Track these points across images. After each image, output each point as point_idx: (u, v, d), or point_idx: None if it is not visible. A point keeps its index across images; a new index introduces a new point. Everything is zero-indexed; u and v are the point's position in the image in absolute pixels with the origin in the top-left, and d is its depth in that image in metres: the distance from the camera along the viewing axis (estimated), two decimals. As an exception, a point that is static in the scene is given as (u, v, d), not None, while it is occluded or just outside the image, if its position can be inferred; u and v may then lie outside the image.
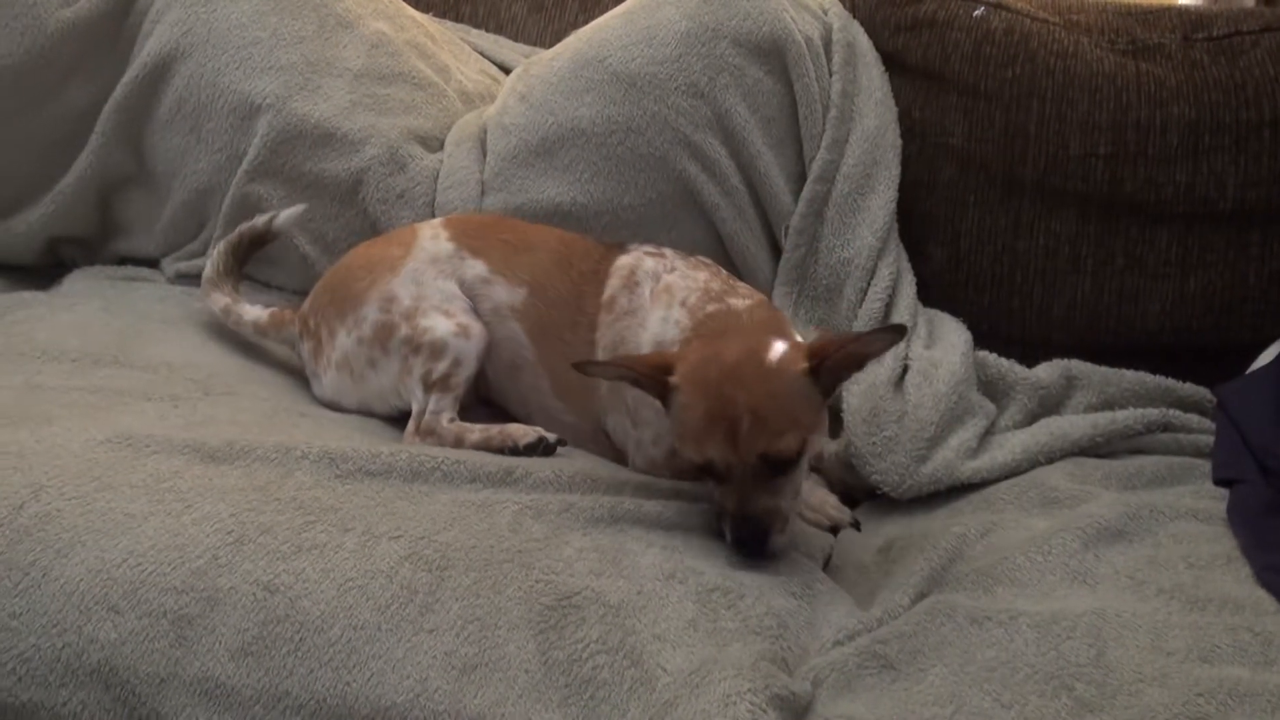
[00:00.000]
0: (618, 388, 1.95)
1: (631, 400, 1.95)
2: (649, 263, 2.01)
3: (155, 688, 1.48)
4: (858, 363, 1.78)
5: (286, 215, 2.31)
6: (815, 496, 1.96)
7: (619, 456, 2.03)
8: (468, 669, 1.48)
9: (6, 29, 2.39)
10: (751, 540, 1.72)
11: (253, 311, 2.24)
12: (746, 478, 1.71)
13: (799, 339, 1.87)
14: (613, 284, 2.00)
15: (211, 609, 1.52)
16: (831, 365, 1.72)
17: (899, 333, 1.75)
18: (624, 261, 2.03)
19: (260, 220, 2.31)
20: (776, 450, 1.69)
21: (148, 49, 2.44)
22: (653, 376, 1.74)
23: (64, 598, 1.52)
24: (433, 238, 2.12)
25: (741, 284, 2.04)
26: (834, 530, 1.95)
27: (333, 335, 2.08)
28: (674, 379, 1.73)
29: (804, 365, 1.72)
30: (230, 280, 2.28)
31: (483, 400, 2.13)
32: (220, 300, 2.25)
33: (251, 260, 2.36)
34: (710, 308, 1.90)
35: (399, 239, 2.16)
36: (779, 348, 1.74)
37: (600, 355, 1.97)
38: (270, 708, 1.47)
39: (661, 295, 1.96)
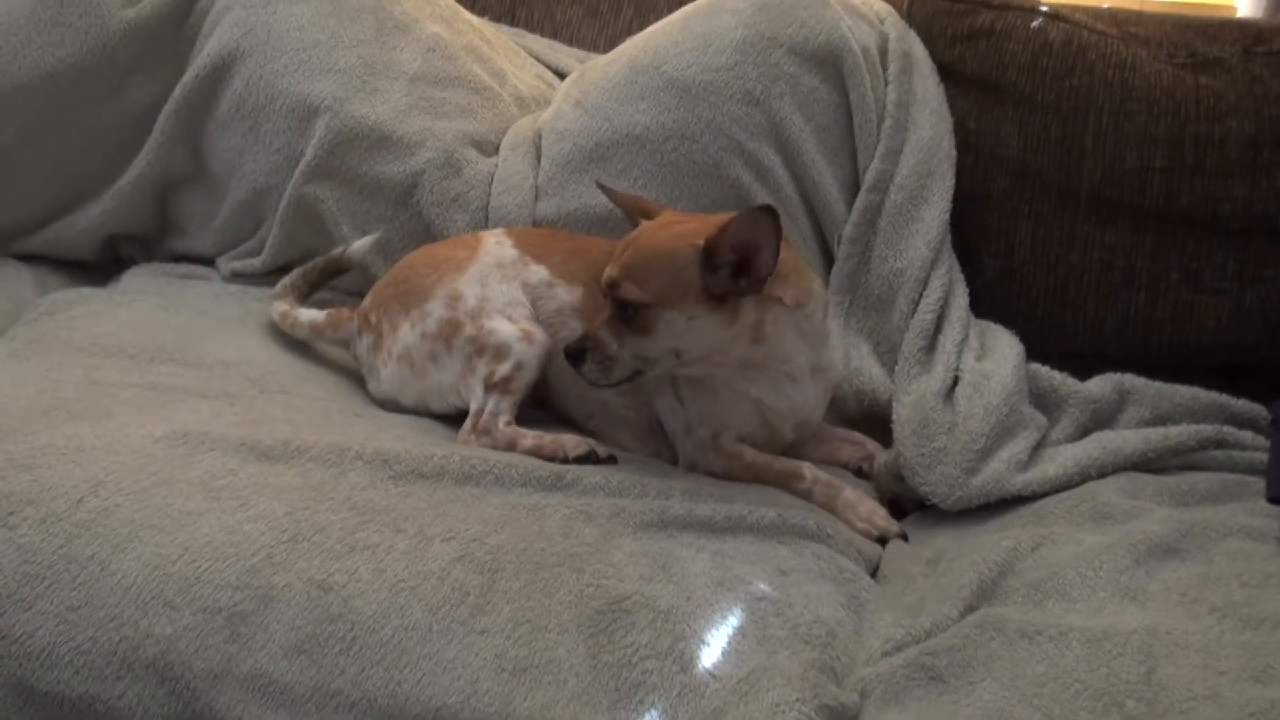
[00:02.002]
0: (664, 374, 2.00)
1: (677, 379, 2.00)
2: None
3: (209, 683, 1.50)
4: (741, 252, 1.84)
5: (359, 245, 2.34)
6: (864, 506, 1.97)
7: (672, 450, 2.06)
8: (518, 671, 1.49)
9: (70, 28, 2.42)
10: (574, 352, 1.91)
11: (309, 313, 2.27)
12: (614, 306, 1.88)
13: (816, 290, 2.00)
14: None
15: (265, 606, 1.53)
16: (715, 247, 1.83)
17: (768, 212, 1.81)
18: None
19: (336, 252, 2.35)
20: (631, 295, 1.85)
21: (208, 49, 2.46)
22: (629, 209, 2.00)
23: (121, 592, 1.54)
24: (497, 243, 2.16)
25: None
26: (882, 541, 1.95)
27: (395, 329, 2.10)
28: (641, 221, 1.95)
29: (699, 243, 1.83)
30: (295, 297, 2.32)
31: (538, 403, 2.14)
32: (279, 308, 2.28)
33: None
34: None
35: (464, 242, 2.19)
36: (702, 231, 1.84)
37: None
38: (322, 705, 1.48)
39: None
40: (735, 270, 1.84)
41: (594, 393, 2.07)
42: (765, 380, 1.98)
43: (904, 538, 1.97)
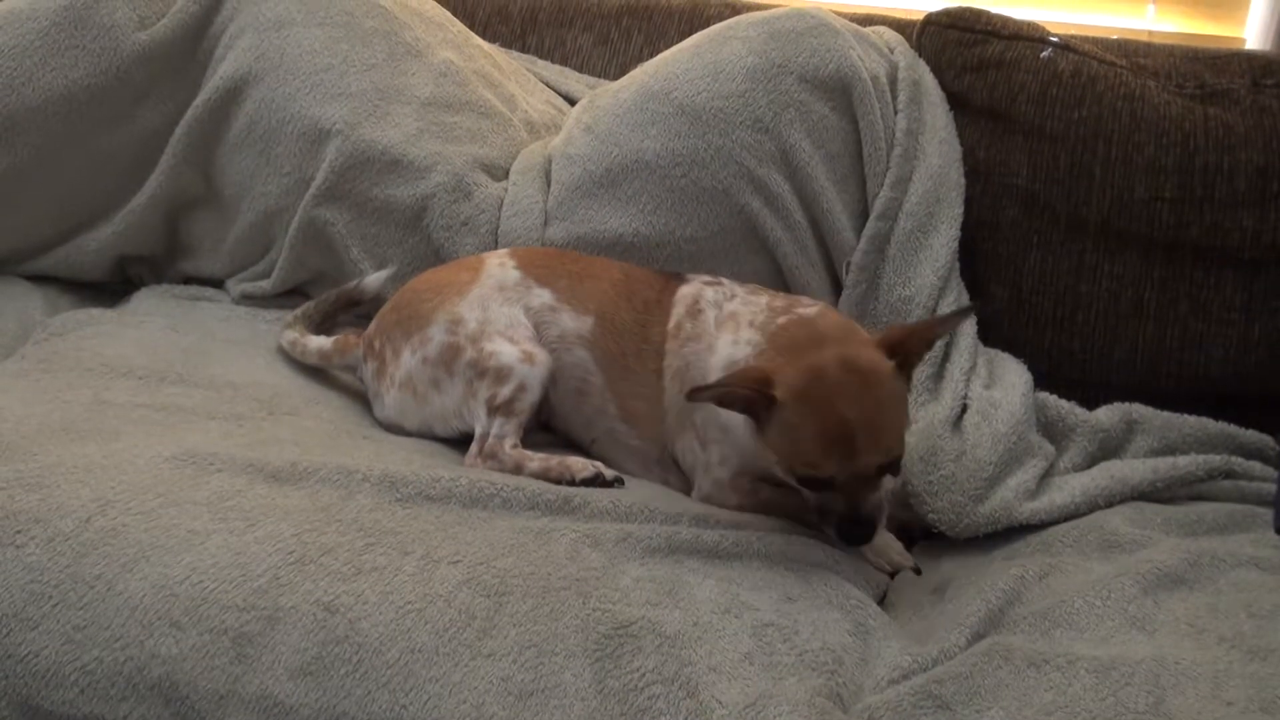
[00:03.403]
0: (685, 412, 1.98)
1: (699, 421, 1.97)
2: (710, 292, 2.05)
3: (214, 704, 1.50)
4: (929, 344, 1.91)
5: (374, 278, 2.36)
6: (879, 539, 1.95)
7: (684, 481, 2.05)
8: (524, 695, 1.49)
9: (84, 51, 2.43)
10: (861, 538, 1.83)
11: (318, 340, 2.27)
12: (858, 483, 1.77)
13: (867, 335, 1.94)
14: (677, 312, 2.04)
15: (272, 628, 1.53)
16: (907, 354, 1.82)
17: (966, 314, 1.87)
18: (686, 291, 2.06)
19: (350, 285, 2.36)
20: (892, 456, 1.78)
21: (220, 73, 2.47)
22: (752, 396, 1.77)
23: (127, 612, 1.54)
24: (500, 265, 2.15)
25: (801, 295, 2.12)
26: (892, 573, 1.95)
27: (397, 355, 2.10)
28: (778, 395, 1.75)
29: (890, 365, 1.78)
30: (306, 326, 2.33)
31: (543, 426, 2.14)
32: (290, 336, 2.29)
33: (318, 286, 2.40)
34: (781, 320, 1.93)
35: (467, 265, 2.19)
36: (866, 354, 1.79)
37: (667, 381, 2.01)
38: (327, 728, 1.48)
39: (728, 322, 1.99)
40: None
41: (603, 420, 2.07)
42: None
43: (917, 571, 1.96)
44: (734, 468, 1.96)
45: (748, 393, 1.77)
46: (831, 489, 1.78)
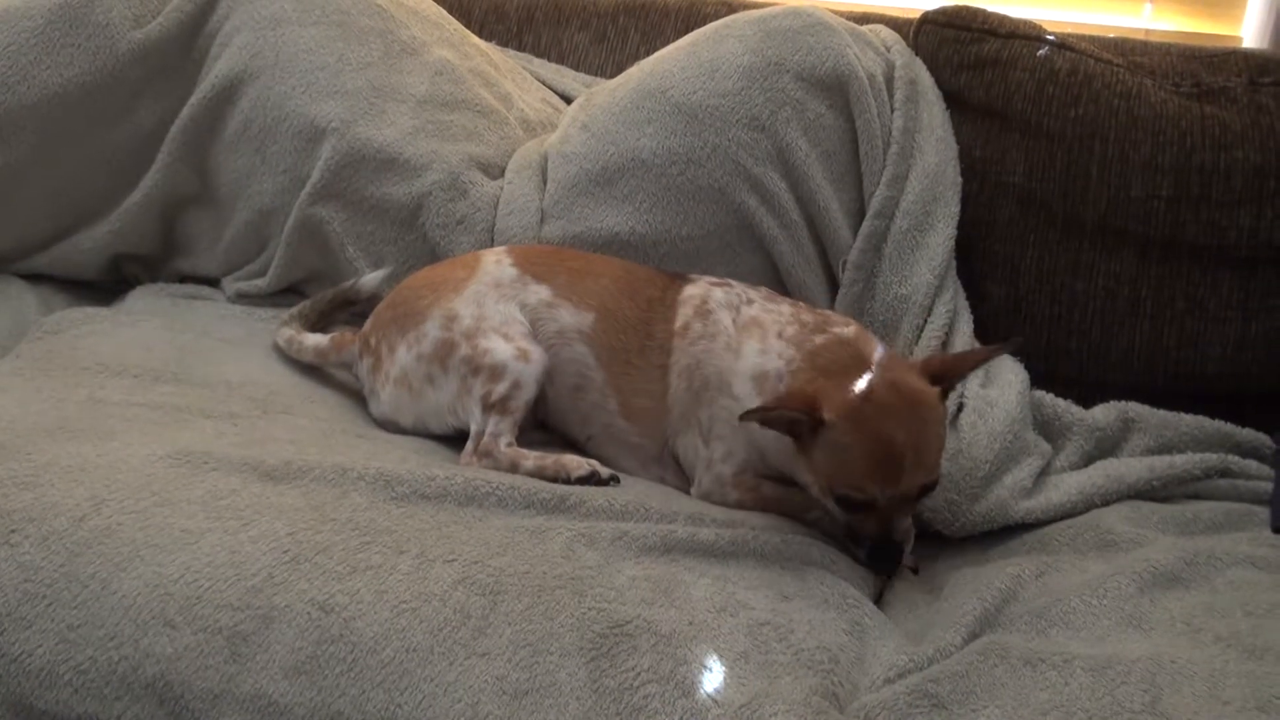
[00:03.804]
0: (689, 408, 1.99)
1: (706, 419, 1.98)
2: (719, 293, 2.05)
3: (209, 704, 1.50)
4: (964, 375, 1.97)
5: (371, 278, 2.36)
6: None
7: (682, 478, 2.05)
8: (519, 694, 1.48)
9: (79, 49, 2.42)
10: (890, 561, 1.86)
11: (314, 338, 2.27)
12: (894, 506, 1.79)
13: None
14: (684, 312, 2.04)
15: (266, 627, 1.53)
16: (946, 381, 1.86)
17: (1012, 346, 1.94)
18: (692, 291, 2.07)
19: (347, 284, 2.37)
20: (932, 479, 1.81)
21: (215, 71, 2.47)
22: (802, 417, 1.78)
23: (121, 611, 1.54)
24: (496, 262, 2.15)
25: (830, 311, 2.14)
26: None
27: (393, 351, 2.10)
28: (826, 417, 1.76)
29: (934, 390, 1.81)
30: (302, 324, 2.32)
31: (538, 424, 2.14)
32: (285, 334, 2.29)
33: (314, 285, 2.40)
34: (819, 339, 1.93)
35: (463, 262, 2.19)
36: (911, 379, 1.82)
37: (674, 378, 2.02)
38: (321, 727, 1.48)
39: (752, 328, 1.98)
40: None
41: (602, 416, 2.07)
42: None
43: (915, 570, 1.97)
44: (739, 463, 1.97)
45: (796, 415, 1.78)
46: (870, 510, 1.80)
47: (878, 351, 1.89)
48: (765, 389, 1.91)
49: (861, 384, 1.79)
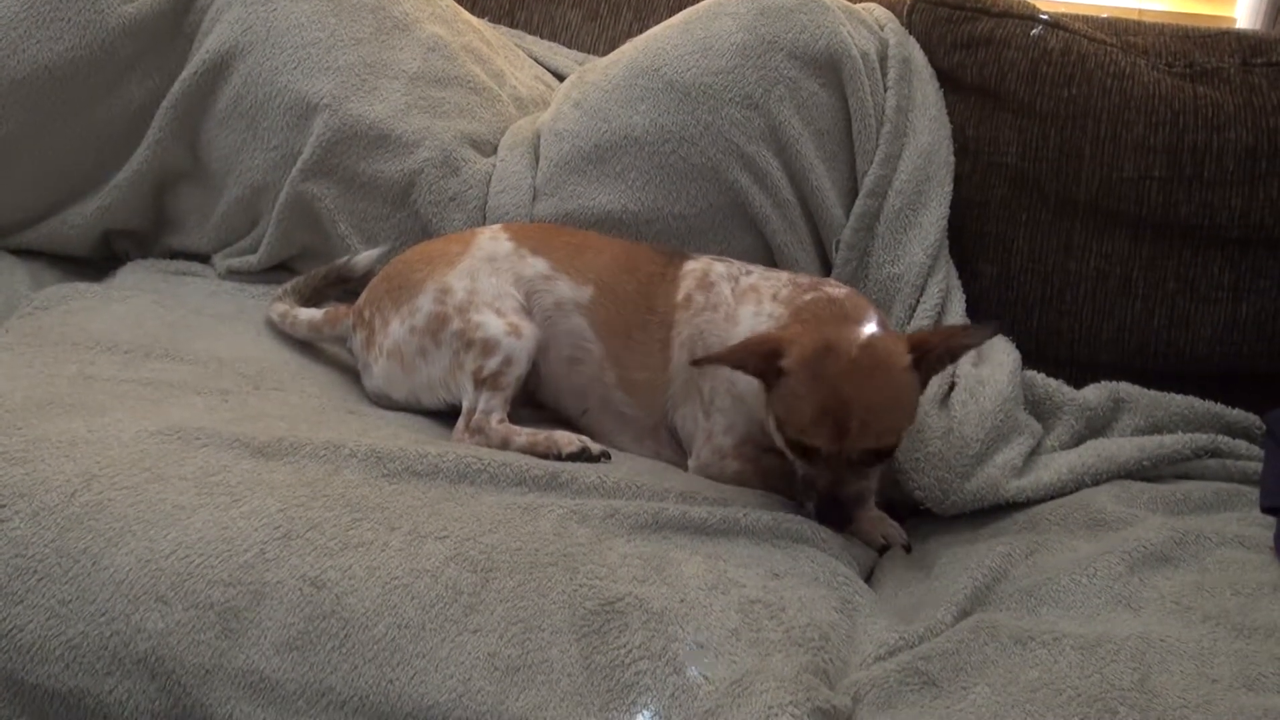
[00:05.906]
0: (691, 380, 2.00)
1: (708, 391, 1.99)
2: (720, 266, 2.07)
3: (200, 679, 1.50)
4: (953, 356, 1.92)
5: (365, 256, 2.35)
6: (873, 513, 1.96)
7: (677, 452, 2.06)
8: (511, 670, 1.49)
9: (69, 23, 2.41)
10: (836, 519, 1.85)
11: (308, 312, 2.27)
12: (842, 464, 1.80)
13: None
14: (686, 285, 2.05)
15: (258, 603, 1.53)
16: (931, 360, 1.84)
17: (994, 330, 1.89)
18: (693, 266, 2.08)
19: (341, 261, 2.36)
20: (883, 445, 1.82)
21: (207, 46, 2.46)
22: (764, 361, 1.79)
23: (113, 587, 1.54)
24: (491, 239, 2.15)
25: (830, 279, 2.14)
26: (882, 549, 1.95)
27: (386, 324, 2.10)
28: (786, 364, 1.78)
29: (908, 360, 1.80)
30: (295, 299, 2.32)
31: (530, 401, 2.14)
32: (279, 309, 2.29)
33: (305, 262, 2.40)
34: (808, 296, 1.95)
35: (459, 238, 2.20)
36: (886, 343, 1.82)
37: (675, 350, 2.03)
38: (313, 703, 1.48)
39: (749, 294, 2.01)
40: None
41: (599, 389, 2.08)
42: None
43: (908, 549, 1.97)
44: (739, 435, 1.98)
45: (757, 359, 1.80)
46: (818, 462, 1.80)
47: (867, 314, 1.90)
48: None
49: (830, 336, 1.80)
